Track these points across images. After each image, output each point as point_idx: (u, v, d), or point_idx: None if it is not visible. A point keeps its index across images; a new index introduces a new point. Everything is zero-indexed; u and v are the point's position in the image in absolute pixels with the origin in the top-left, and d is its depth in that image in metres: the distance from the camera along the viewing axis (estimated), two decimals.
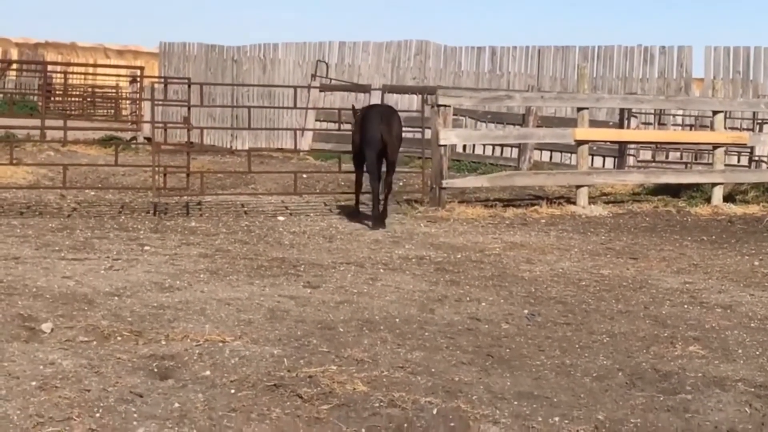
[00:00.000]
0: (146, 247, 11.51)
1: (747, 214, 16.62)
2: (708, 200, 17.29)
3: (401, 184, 18.99)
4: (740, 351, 7.81)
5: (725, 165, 18.06)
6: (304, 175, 19.23)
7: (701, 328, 8.56)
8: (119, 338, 7.39)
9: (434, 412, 6.11)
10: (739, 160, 21.33)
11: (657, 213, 16.48)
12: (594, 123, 18.95)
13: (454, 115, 21.79)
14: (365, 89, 26.27)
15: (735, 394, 6.68)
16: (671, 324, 8.66)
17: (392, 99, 25.01)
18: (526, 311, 8.96)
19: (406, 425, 5.94)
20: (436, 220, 14.75)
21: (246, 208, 15.42)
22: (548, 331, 8.26)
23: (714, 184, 17.36)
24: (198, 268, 10.31)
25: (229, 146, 28.80)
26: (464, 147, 23.89)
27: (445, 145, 16.11)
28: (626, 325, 8.55)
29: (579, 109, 16.86)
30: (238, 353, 7.12)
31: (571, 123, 18.79)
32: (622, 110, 21.40)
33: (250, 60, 29.73)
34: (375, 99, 25.61)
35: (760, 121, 21.32)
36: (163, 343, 7.32)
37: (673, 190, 18.22)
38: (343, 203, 16.35)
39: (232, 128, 26.75)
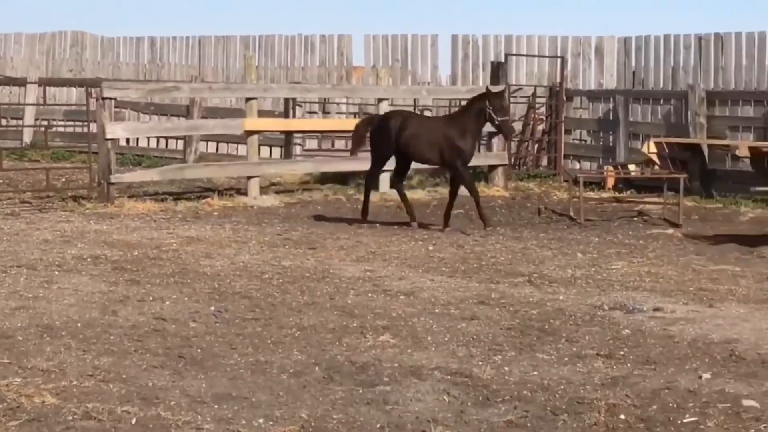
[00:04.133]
0: None
1: (414, 199, 16.90)
2: (375, 188, 17.49)
3: (63, 180, 18.30)
4: (430, 338, 7.88)
5: None
6: None
7: (388, 316, 8.60)
8: None
9: (133, 421, 5.82)
10: None
11: (328, 201, 16.61)
12: (261, 113, 18.81)
13: (116, 107, 21.26)
14: (20, 82, 25.15)
15: (432, 382, 6.70)
16: (359, 314, 8.66)
17: (50, 92, 24.05)
18: (212, 308, 8.75)
19: None
20: (106, 216, 14.24)
21: None
22: (237, 328, 8.08)
23: None
24: None
25: None
26: (127, 140, 23.21)
27: (112, 139, 15.60)
28: (315, 317, 8.49)
29: (247, 100, 16.74)
30: None
31: (237, 114, 18.71)
32: (287, 100, 21.44)
33: None
34: (31, 92, 24.54)
35: (421, 108, 21.82)
36: None
37: (341, 178, 18.39)
38: (5, 202, 15.59)
39: None
